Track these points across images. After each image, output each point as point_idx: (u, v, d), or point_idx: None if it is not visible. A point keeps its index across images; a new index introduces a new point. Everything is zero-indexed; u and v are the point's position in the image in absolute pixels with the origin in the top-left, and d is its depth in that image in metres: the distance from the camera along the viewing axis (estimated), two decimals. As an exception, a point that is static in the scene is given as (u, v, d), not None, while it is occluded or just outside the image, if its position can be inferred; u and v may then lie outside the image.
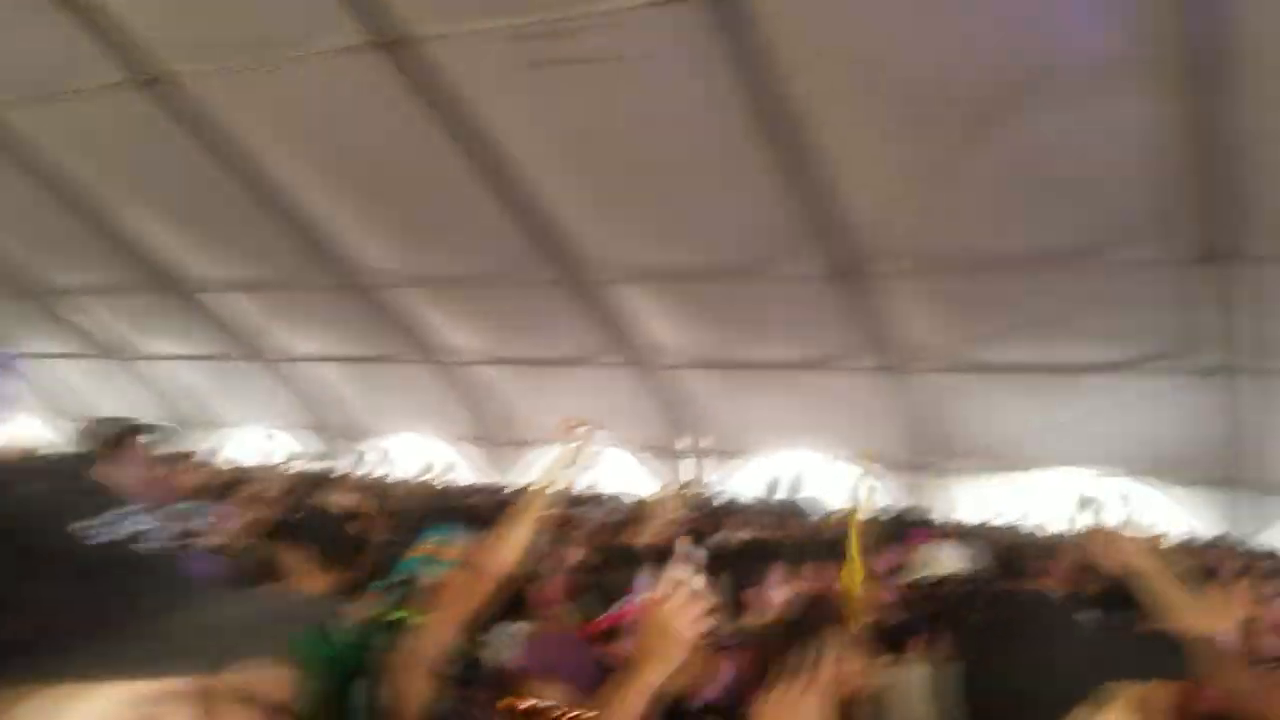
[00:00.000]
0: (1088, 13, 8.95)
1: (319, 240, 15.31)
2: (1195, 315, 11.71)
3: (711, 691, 3.11)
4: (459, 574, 2.89)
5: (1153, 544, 3.54)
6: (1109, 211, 10.80)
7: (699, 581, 2.33)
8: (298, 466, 11.07)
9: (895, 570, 6.62)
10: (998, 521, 12.56)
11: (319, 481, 9.85)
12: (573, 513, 7.36)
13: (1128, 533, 3.18)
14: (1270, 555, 11.52)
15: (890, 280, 12.93)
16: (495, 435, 18.52)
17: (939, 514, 13.10)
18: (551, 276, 14.53)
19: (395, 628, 3.00)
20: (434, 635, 2.70)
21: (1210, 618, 2.86)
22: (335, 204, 14.55)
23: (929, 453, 15.06)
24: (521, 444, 17.80)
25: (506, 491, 11.34)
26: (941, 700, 2.20)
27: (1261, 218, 10.36)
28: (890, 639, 4.22)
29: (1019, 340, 12.95)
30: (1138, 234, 10.97)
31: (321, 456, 14.59)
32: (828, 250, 12.62)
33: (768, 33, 10.08)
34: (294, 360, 19.30)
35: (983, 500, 14.58)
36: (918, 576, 6.28)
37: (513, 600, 4.12)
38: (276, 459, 12.63)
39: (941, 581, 5.69)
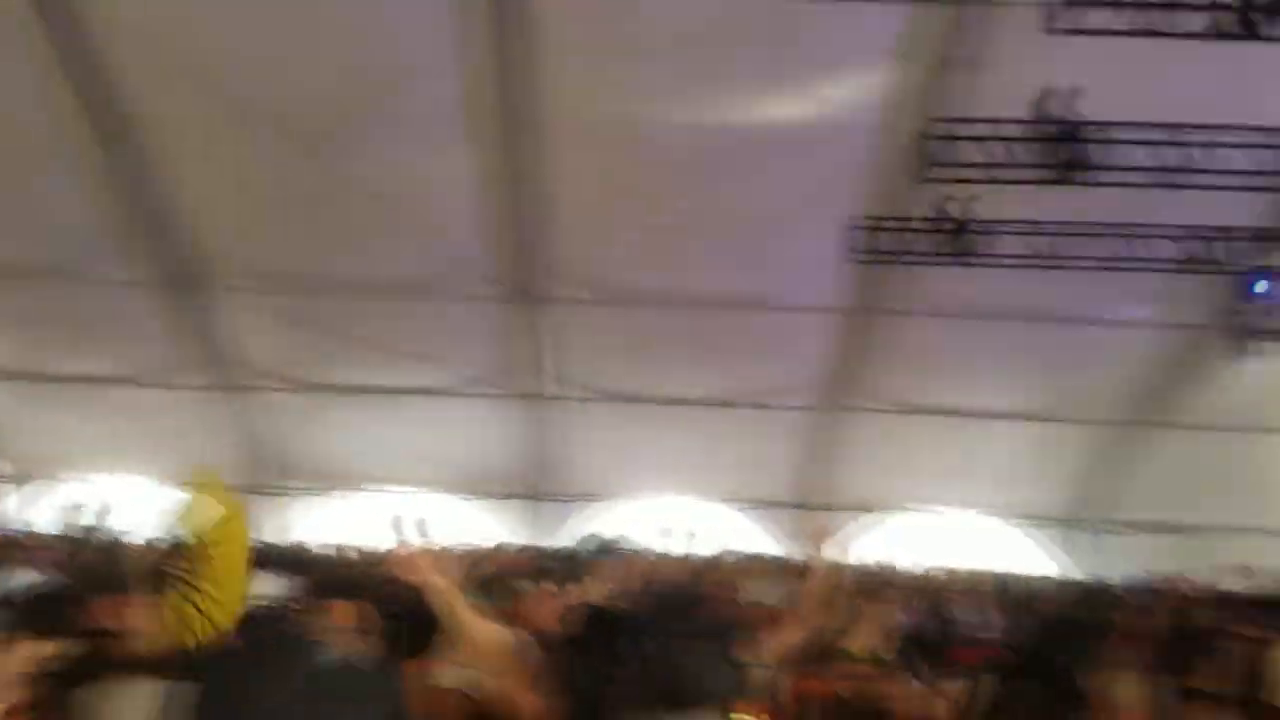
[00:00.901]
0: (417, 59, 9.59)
1: None
2: (510, 346, 13.11)
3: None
4: None
5: (451, 560, 3.77)
6: (437, 249, 11.64)
7: None
8: None
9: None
10: (326, 543, 12.63)
11: None
12: None
13: (427, 549, 3.33)
14: (567, 556, 13.16)
15: (227, 295, 12.44)
16: None
17: (273, 536, 12.81)
18: None
19: None
20: None
21: (489, 630, 3.13)
22: None
23: (265, 474, 14.71)
24: None
25: None
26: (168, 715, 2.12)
27: (565, 266, 12.00)
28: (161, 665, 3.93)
29: (354, 362, 13.29)
30: (462, 272, 11.96)
31: None
32: (157, 258, 11.75)
33: (94, 24, 9.19)
34: None
35: (318, 521, 14.63)
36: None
37: None
38: None
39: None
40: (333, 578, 6.21)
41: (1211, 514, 13.16)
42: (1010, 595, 8.43)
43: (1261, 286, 11.27)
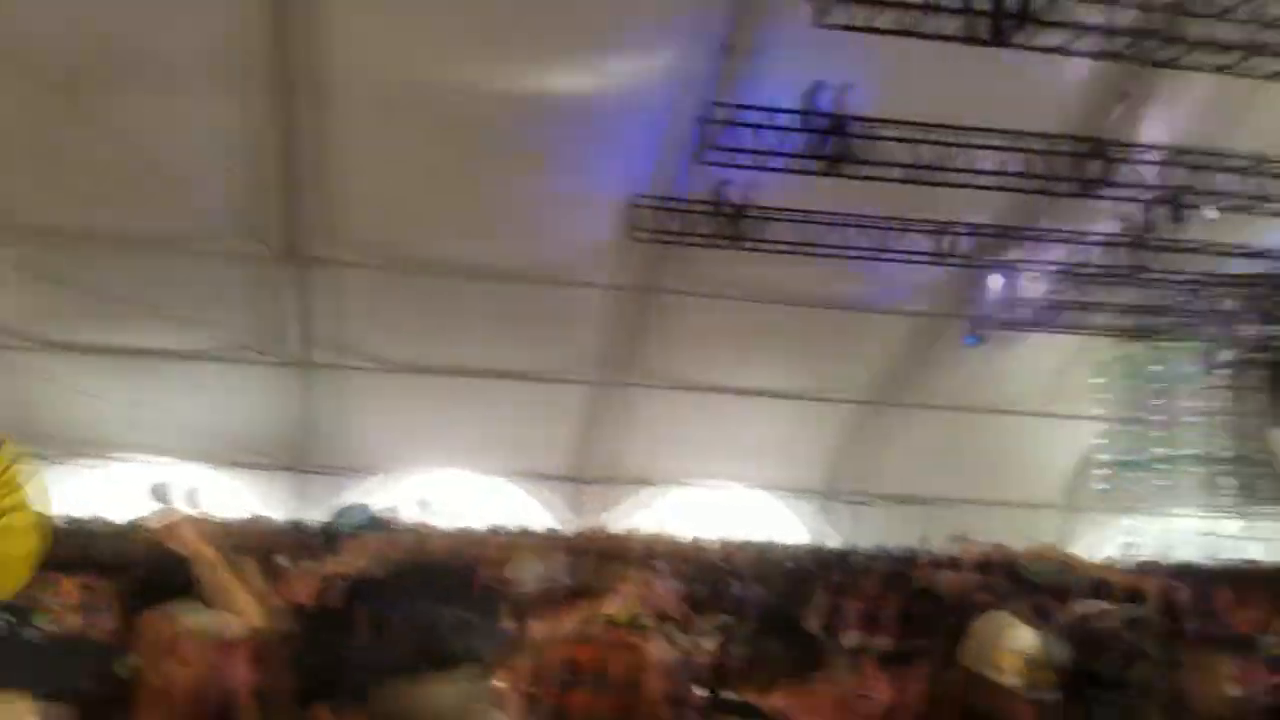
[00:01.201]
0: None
1: None
2: (277, 310, 12.50)
3: None
4: None
5: (215, 530, 3.59)
6: (200, 203, 10.93)
7: None
8: None
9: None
10: (64, 515, 11.64)
11: None
12: None
13: (191, 519, 3.17)
14: (328, 530, 12.67)
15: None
16: None
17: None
18: None
19: None
20: None
21: (250, 604, 2.98)
22: None
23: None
24: None
25: None
26: None
27: (338, 228, 11.52)
28: None
29: (106, 322, 12.29)
30: (226, 229, 11.32)
31: None
32: None
33: None
34: None
35: (64, 492, 13.43)
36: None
37: None
38: None
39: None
40: (64, 550, 5.71)
41: (951, 487, 14.33)
42: (767, 562, 8.87)
43: (999, 280, 12.37)
